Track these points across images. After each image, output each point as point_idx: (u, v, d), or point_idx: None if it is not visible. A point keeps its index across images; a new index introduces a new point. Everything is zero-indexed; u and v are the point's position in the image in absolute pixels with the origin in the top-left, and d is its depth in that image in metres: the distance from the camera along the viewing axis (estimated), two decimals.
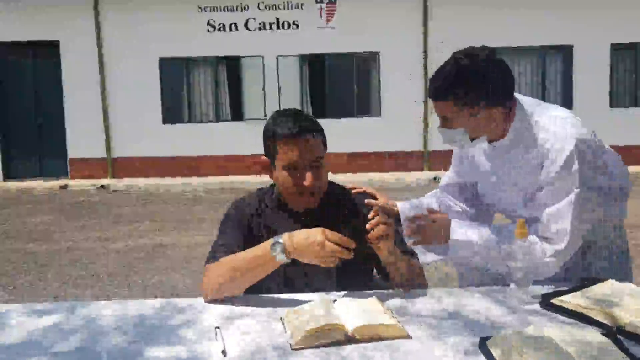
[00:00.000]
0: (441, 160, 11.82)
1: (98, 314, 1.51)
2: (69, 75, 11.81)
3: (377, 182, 10.72)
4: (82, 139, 11.92)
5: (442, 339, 1.31)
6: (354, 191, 1.89)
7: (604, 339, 1.22)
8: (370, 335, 1.30)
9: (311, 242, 1.48)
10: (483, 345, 1.23)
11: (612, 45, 11.66)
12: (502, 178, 1.81)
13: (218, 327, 1.36)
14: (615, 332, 1.29)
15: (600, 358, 1.12)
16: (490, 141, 1.78)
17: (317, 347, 1.27)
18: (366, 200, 1.84)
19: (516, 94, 1.72)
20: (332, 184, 1.81)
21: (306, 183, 1.63)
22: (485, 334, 1.29)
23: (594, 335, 1.23)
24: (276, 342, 1.30)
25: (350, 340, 1.29)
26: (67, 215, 8.31)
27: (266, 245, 1.53)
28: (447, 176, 2.14)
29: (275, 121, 1.68)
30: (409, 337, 1.31)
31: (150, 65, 11.83)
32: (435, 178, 11.30)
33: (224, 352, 1.25)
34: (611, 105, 11.84)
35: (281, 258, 1.51)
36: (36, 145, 12.03)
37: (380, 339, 1.30)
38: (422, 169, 12.10)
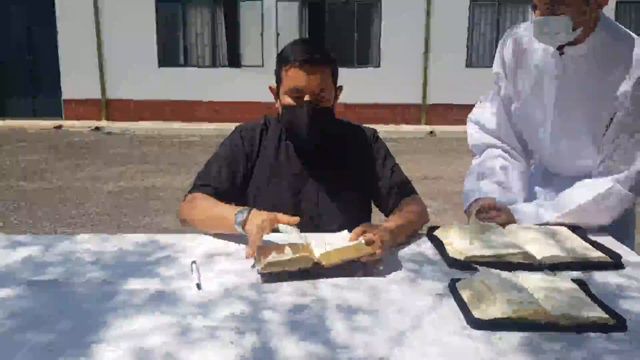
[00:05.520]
0: (439, 114, 11.74)
1: (76, 248, 1.51)
2: (63, 14, 11.52)
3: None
4: (76, 80, 11.73)
5: (417, 281, 1.32)
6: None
7: (574, 285, 1.23)
8: (336, 260, 1.31)
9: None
10: (453, 287, 1.24)
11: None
12: (571, 94, 1.65)
13: (194, 262, 1.37)
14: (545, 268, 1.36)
15: (570, 304, 1.13)
16: (561, 49, 1.62)
17: (285, 276, 1.29)
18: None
19: None
20: (339, 121, 1.81)
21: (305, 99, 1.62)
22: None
23: (564, 283, 1.24)
24: (252, 279, 1.31)
25: (317, 268, 1.30)
26: (59, 155, 8.28)
27: (231, 212, 1.52)
28: (492, 120, 1.88)
29: (287, 48, 1.69)
30: (374, 255, 1.33)
31: (146, 5, 11.54)
32: (431, 132, 11.25)
33: (198, 286, 1.25)
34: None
35: (239, 229, 1.48)
36: (29, 84, 11.85)
37: (347, 261, 1.32)
38: (419, 122, 12.02)
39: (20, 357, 0.98)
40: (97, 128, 11.19)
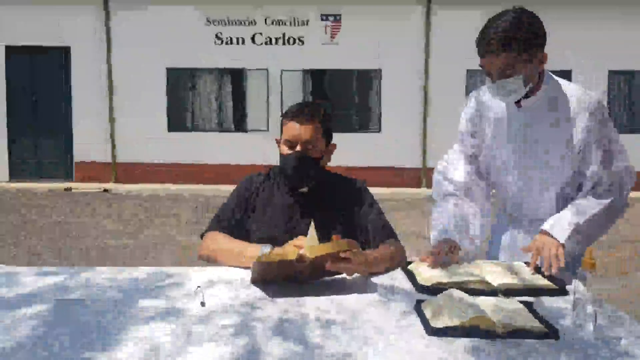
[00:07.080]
0: None
1: (97, 276, 1.74)
2: (78, 81, 12.12)
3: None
4: (88, 144, 12.19)
5: (388, 302, 1.54)
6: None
7: (520, 305, 1.45)
8: (318, 253, 1.56)
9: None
10: (418, 306, 1.46)
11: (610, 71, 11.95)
12: (531, 142, 1.93)
13: (199, 287, 1.59)
14: (500, 292, 1.57)
15: (512, 317, 1.35)
16: (518, 102, 1.90)
17: (274, 271, 1.58)
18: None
19: None
20: (330, 172, 2.08)
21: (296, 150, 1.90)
22: None
23: (513, 303, 1.46)
24: (246, 299, 1.54)
25: (301, 262, 1.56)
26: (69, 207, 8.55)
27: (254, 245, 1.81)
28: (463, 169, 2.12)
29: (290, 106, 2.02)
30: (352, 248, 1.61)
31: (157, 74, 12.14)
32: (432, 195, 11.52)
33: (202, 303, 1.48)
34: None
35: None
36: (42, 148, 12.32)
37: (328, 255, 1.57)
38: (419, 186, 12.32)
39: (52, 355, 1.20)
40: (105, 190, 11.53)
